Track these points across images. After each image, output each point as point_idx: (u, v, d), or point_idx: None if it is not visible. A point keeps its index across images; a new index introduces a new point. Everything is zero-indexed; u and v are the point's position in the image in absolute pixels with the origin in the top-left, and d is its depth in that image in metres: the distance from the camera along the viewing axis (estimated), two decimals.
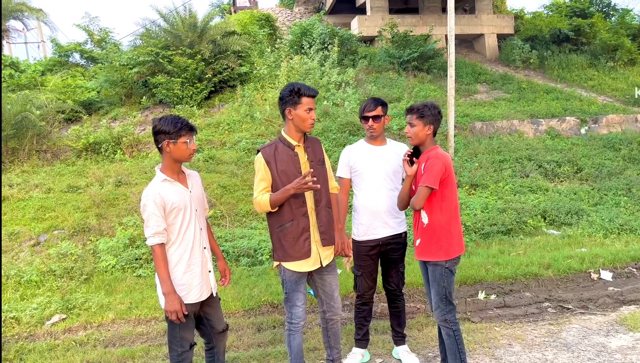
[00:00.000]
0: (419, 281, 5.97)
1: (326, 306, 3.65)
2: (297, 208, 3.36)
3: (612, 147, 12.52)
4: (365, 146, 4.02)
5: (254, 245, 7.40)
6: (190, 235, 3.20)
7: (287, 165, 3.35)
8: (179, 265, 3.17)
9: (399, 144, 4.12)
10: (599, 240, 7.73)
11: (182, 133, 3.11)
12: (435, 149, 3.53)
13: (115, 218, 8.61)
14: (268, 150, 3.39)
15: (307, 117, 3.33)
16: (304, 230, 3.38)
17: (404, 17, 20.49)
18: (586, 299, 5.60)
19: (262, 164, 3.36)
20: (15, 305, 5.84)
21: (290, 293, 3.48)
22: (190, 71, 14.27)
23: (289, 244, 3.37)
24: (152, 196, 3.07)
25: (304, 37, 17.80)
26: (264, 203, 3.32)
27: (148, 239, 3.09)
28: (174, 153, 3.13)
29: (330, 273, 3.60)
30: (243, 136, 12.24)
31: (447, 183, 3.45)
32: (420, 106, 3.54)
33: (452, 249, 3.51)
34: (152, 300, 5.82)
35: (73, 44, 19.00)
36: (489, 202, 9.34)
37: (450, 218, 3.50)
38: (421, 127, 3.50)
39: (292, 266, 3.42)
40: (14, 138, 11.79)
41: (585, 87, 17.36)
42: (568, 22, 19.80)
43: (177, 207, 3.13)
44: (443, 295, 3.52)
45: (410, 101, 14.23)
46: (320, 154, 3.56)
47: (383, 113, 3.94)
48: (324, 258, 3.51)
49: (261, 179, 3.36)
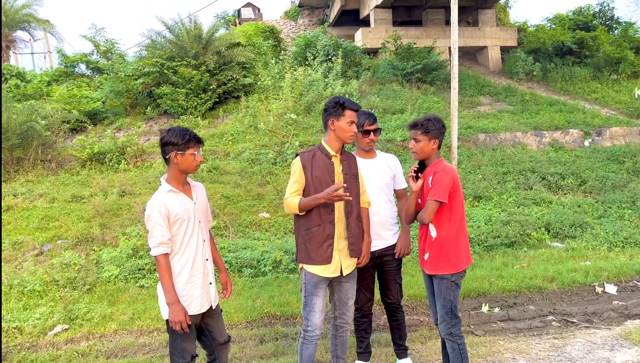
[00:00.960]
0: (421, 294, 5.95)
1: (338, 312, 3.70)
2: (325, 214, 3.45)
3: (615, 159, 12.50)
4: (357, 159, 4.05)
5: (257, 256, 7.39)
6: (192, 246, 3.21)
7: (322, 172, 3.46)
8: (180, 275, 3.17)
9: (389, 156, 4.18)
10: (603, 253, 7.70)
11: (190, 145, 3.14)
12: (441, 162, 3.53)
13: (118, 228, 8.63)
14: (306, 155, 3.52)
15: (349, 129, 3.46)
16: (328, 236, 3.46)
17: (407, 29, 20.60)
18: (591, 313, 5.57)
19: (299, 167, 3.47)
20: (18, 315, 5.84)
21: (308, 297, 3.52)
22: (195, 82, 14.36)
23: (312, 247, 3.46)
24: (157, 207, 3.09)
25: (308, 48, 17.92)
26: (293, 206, 3.42)
27: (152, 249, 3.10)
28: (181, 164, 3.16)
29: (349, 282, 3.65)
30: (247, 146, 12.28)
31: (455, 196, 3.45)
32: (424, 121, 3.52)
33: (460, 262, 3.51)
34: (154, 310, 5.81)
35: (79, 55, 19.17)
36: (492, 214, 9.32)
37: (458, 231, 3.50)
38: (426, 142, 3.50)
39: (312, 269, 3.49)
40: (19, 148, 11.86)
41: (588, 99, 17.37)
42: (571, 35, 19.89)
43: (180, 218, 3.14)
44: (448, 309, 3.51)
45: (414, 113, 14.27)
46: (354, 169, 3.65)
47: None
48: (345, 267, 3.55)
49: (295, 181, 3.47)
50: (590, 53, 19.58)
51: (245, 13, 27.62)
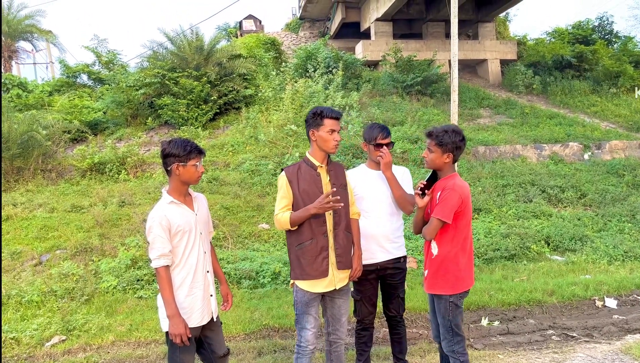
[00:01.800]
0: (421, 307, 5.92)
1: (331, 329, 3.64)
2: (317, 227, 3.38)
3: (615, 173, 12.51)
4: (366, 171, 4.02)
5: (256, 267, 7.37)
6: (193, 258, 3.20)
7: (309, 185, 3.40)
8: (181, 287, 3.15)
9: (399, 168, 4.12)
10: (603, 266, 7.67)
11: (191, 156, 3.14)
12: (453, 178, 3.39)
13: (117, 238, 8.61)
14: (291, 169, 3.47)
15: (330, 138, 3.40)
16: (322, 249, 3.40)
17: (407, 42, 20.75)
18: (591, 327, 5.54)
19: (285, 182, 3.42)
20: (15, 326, 5.81)
21: (300, 315, 3.47)
22: (195, 93, 14.42)
23: (307, 262, 3.39)
24: (158, 218, 3.09)
25: (309, 60, 18.03)
26: (284, 221, 3.35)
27: (153, 261, 3.08)
28: (182, 176, 3.15)
29: (341, 297, 3.59)
30: (247, 157, 12.30)
31: (462, 216, 3.33)
32: (440, 132, 3.34)
33: (459, 283, 3.39)
34: (152, 322, 5.78)
35: (81, 65, 19.28)
36: (492, 227, 9.31)
37: (459, 251, 3.38)
38: (439, 154, 3.36)
39: (306, 285, 3.41)
40: (19, 157, 11.87)
41: (588, 113, 17.44)
42: (570, 49, 20.04)
43: (182, 230, 3.13)
44: (449, 327, 3.44)
45: (414, 125, 14.32)
46: (342, 179, 3.59)
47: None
48: (338, 281, 3.50)
49: (282, 197, 3.42)
50: (590, 67, 19.72)
51: (247, 25, 27.82)
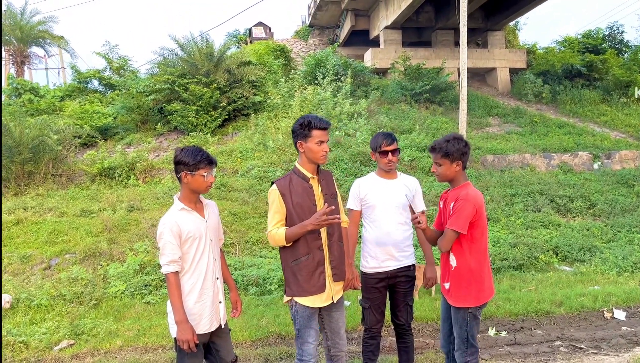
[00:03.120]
0: (428, 316, 5.91)
1: (331, 342, 3.59)
2: (312, 241, 3.30)
3: (625, 183, 12.42)
4: (376, 179, 4.01)
5: (263, 274, 7.39)
6: (203, 264, 3.21)
7: (302, 198, 3.30)
8: (191, 294, 3.17)
9: (409, 178, 4.11)
10: (612, 277, 7.61)
11: (200, 166, 3.12)
12: (466, 187, 3.34)
13: (126, 243, 8.67)
14: (283, 182, 3.34)
15: (319, 149, 3.28)
16: (319, 263, 3.33)
17: (417, 50, 20.78)
18: (599, 339, 5.49)
19: (277, 196, 3.30)
20: (24, 329, 5.85)
21: (302, 330, 3.42)
22: (205, 99, 14.52)
23: (304, 278, 3.31)
24: (169, 225, 3.10)
25: (318, 68, 18.10)
26: (279, 238, 3.26)
27: (163, 267, 3.10)
28: (191, 184, 3.16)
29: (338, 310, 3.54)
30: (255, 164, 12.35)
31: (477, 225, 3.28)
32: (443, 144, 3.31)
33: (482, 295, 3.35)
34: (160, 327, 5.81)
35: (92, 71, 19.49)
36: (500, 236, 9.27)
37: (480, 261, 3.33)
38: (448, 165, 3.32)
39: (305, 301, 3.35)
40: (30, 162, 12.00)
41: (597, 122, 17.35)
42: (580, 58, 19.98)
43: (192, 236, 3.14)
44: (465, 338, 3.40)
45: (422, 133, 14.31)
46: (332, 188, 3.51)
47: (399, 147, 4.00)
48: (335, 294, 3.46)
49: (276, 211, 3.31)
50: (600, 76, 19.63)
51: (257, 32, 28.00)
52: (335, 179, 3.72)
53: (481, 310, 3.44)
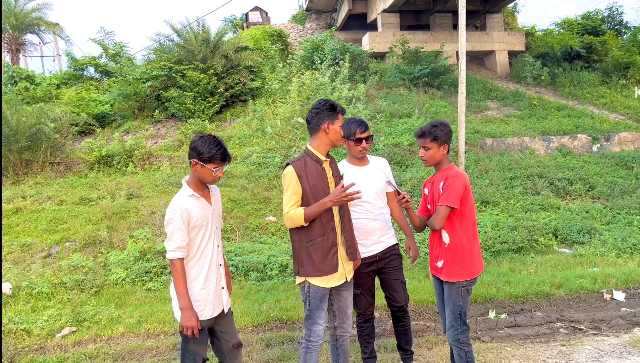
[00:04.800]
0: (428, 299, 5.93)
1: (338, 322, 3.64)
2: (326, 222, 3.37)
3: (624, 165, 12.43)
4: (349, 167, 4.02)
5: (264, 260, 7.40)
6: (209, 251, 3.21)
7: (317, 180, 3.35)
8: (196, 280, 3.17)
9: (379, 160, 4.14)
10: (611, 259, 7.64)
11: (213, 160, 3.09)
12: (452, 167, 3.51)
13: (126, 230, 8.67)
14: (299, 164, 3.36)
15: (341, 132, 3.45)
16: (332, 244, 3.39)
17: (415, 33, 20.62)
18: (599, 320, 5.52)
19: (294, 178, 3.31)
20: (26, 317, 5.88)
21: (313, 310, 3.46)
22: (202, 86, 14.44)
23: (319, 258, 3.35)
24: (179, 211, 3.07)
25: (316, 52, 17.96)
26: (298, 218, 3.26)
27: (169, 252, 3.07)
28: (198, 173, 3.14)
29: (347, 290, 3.60)
30: (254, 150, 12.31)
31: (467, 202, 3.43)
32: (431, 128, 3.49)
33: (474, 268, 3.49)
34: (161, 313, 5.83)
35: (88, 58, 19.34)
36: (499, 219, 9.29)
37: (470, 237, 3.48)
38: (436, 149, 3.48)
39: (319, 281, 3.40)
40: (28, 150, 11.96)
41: (597, 104, 17.29)
42: (579, 40, 19.83)
43: (200, 224, 3.14)
44: (458, 315, 3.49)
45: (421, 117, 14.26)
46: (338, 171, 3.61)
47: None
48: (348, 273, 3.52)
49: (293, 193, 3.31)
50: (599, 58, 19.52)
51: (253, 17, 27.74)
52: None
53: (473, 285, 3.55)
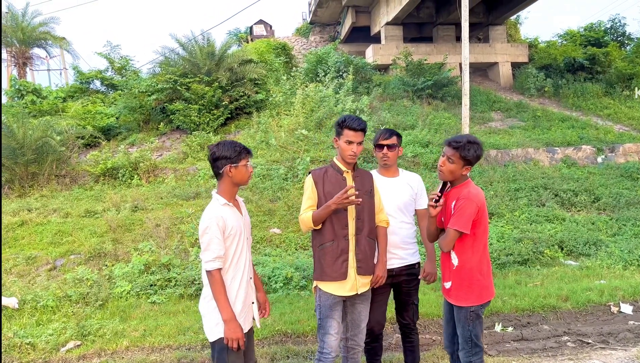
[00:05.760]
0: (433, 312, 5.90)
1: (350, 334, 3.62)
2: (339, 229, 3.42)
3: (629, 176, 12.38)
4: (378, 177, 3.95)
5: (268, 272, 7.38)
6: (242, 262, 3.15)
7: (334, 187, 3.42)
8: (228, 293, 3.06)
9: (411, 175, 4.08)
10: (618, 271, 7.58)
11: (242, 156, 3.10)
12: (467, 185, 3.33)
13: (131, 243, 8.68)
14: (318, 172, 3.53)
15: (347, 148, 3.43)
16: (342, 251, 3.42)
17: (418, 45, 20.72)
18: (606, 333, 5.47)
19: (311, 184, 3.47)
20: (31, 331, 5.87)
21: (323, 319, 3.45)
22: (207, 98, 14.52)
23: (327, 263, 3.42)
24: (215, 219, 3.00)
25: (319, 65, 18.07)
26: (307, 220, 3.39)
27: (207, 263, 2.99)
28: (235, 177, 3.10)
29: (362, 303, 3.58)
30: (258, 162, 12.34)
31: (479, 224, 3.26)
32: (465, 144, 3.24)
33: (484, 293, 3.34)
34: (166, 327, 5.82)
35: (94, 72, 19.51)
36: (504, 231, 9.25)
37: (480, 259, 3.32)
38: (459, 166, 3.28)
39: (328, 287, 3.43)
40: (34, 163, 12.03)
41: (601, 115, 17.27)
42: (582, 51, 19.87)
43: (234, 233, 3.08)
44: (468, 337, 3.37)
45: (424, 129, 14.28)
46: (369, 185, 3.59)
47: (397, 143, 3.92)
48: (360, 286, 3.49)
49: (308, 197, 3.46)
50: (602, 69, 19.53)
51: (257, 30, 27.95)
52: None
53: (484, 308, 3.40)
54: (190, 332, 5.67)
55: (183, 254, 8.31)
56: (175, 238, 8.77)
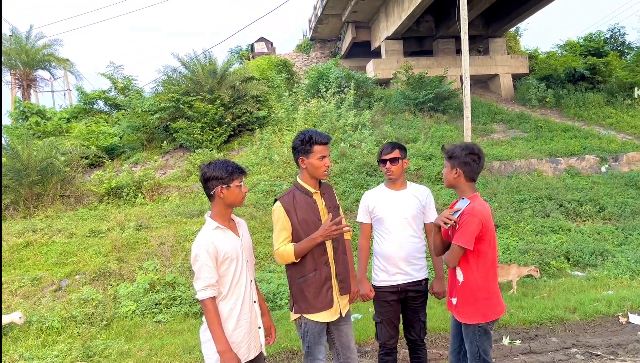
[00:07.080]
0: (440, 327, 5.85)
1: (343, 358, 3.49)
2: (319, 256, 3.24)
3: (634, 185, 12.33)
4: (384, 191, 3.92)
5: (273, 289, 7.36)
6: (241, 287, 2.99)
7: (307, 213, 3.24)
8: (228, 320, 2.94)
9: (419, 187, 4.00)
10: (625, 281, 7.53)
11: (234, 177, 2.95)
12: (473, 200, 3.23)
13: (135, 262, 8.68)
14: (287, 199, 3.27)
15: (321, 164, 3.24)
16: (326, 279, 3.26)
17: (418, 59, 20.85)
18: (615, 344, 5.41)
19: (282, 213, 3.22)
20: (36, 352, 5.85)
21: (312, 347, 3.34)
22: (210, 116, 14.62)
23: (312, 295, 3.24)
24: (204, 246, 2.87)
25: (321, 80, 18.18)
26: (288, 254, 3.18)
27: (199, 292, 2.86)
28: (227, 198, 2.96)
29: (346, 324, 3.48)
30: (261, 178, 12.37)
31: (484, 239, 3.17)
32: (450, 147, 3.28)
33: (490, 311, 3.24)
34: (171, 346, 5.79)
35: (98, 92, 19.69)
36: (510, 243, 9.21)
37: (487, 276, 3.23)
38: (448, 169, 3.25)
39: (315, 317, 3.28)
40: (39, 184, 12.09)
41: (603, 125, 17.27)
42: (583, 61, 19.95)
43: (229, 257, 2.93)
44: (476, 354, 3.27)
45: (427, 142, 14.31)
46: (334, 201, 3.45)
47: (401, 156, 3.86)
48: (343, 307, 3.37)
49: (282, 228, 3.23)
50: (603, 78, 19.59)
51: (259, 47, 28.18)
52: (340, 191, 3.69)
53: (493, 324, 3.32)
54: (196, 350, 5.64)
55: (188, 272, 8.30)
56: (180, 256, 8.77)
